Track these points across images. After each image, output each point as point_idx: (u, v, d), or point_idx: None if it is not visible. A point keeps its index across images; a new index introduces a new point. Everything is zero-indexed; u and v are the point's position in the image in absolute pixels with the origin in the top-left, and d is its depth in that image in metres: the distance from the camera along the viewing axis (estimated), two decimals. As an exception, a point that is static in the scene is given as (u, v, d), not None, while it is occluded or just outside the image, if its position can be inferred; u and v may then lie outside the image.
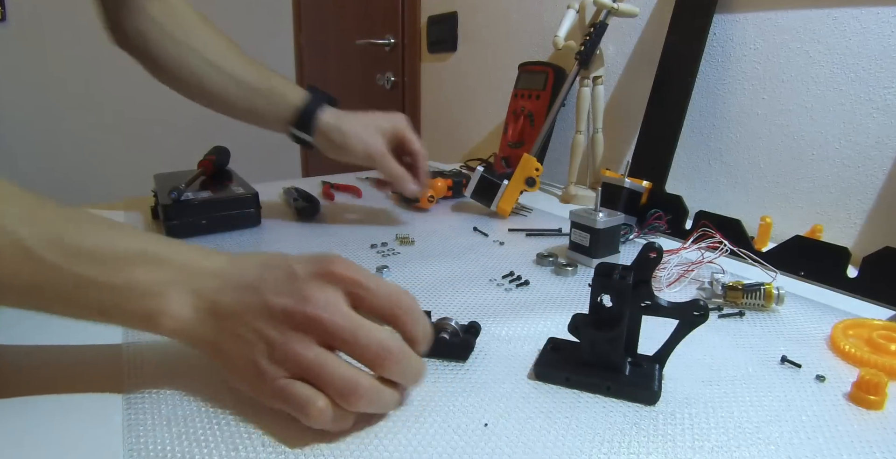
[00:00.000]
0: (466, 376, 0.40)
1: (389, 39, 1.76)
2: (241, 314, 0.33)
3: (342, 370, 0.32)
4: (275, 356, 0.32)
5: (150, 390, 0.38)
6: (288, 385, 0.32)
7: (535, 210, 0.88)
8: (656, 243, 0.37)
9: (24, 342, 0.44)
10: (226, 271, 0.35)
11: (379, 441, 0.33)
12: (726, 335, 0.47)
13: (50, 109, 1.98)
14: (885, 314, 0.52)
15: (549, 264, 0.63)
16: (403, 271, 0.61)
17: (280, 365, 0.32)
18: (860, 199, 0.70)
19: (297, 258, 0.35)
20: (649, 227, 0.72)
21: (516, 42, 1.24)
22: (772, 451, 0.32)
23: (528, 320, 0.49)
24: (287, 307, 0.32)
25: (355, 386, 0.31)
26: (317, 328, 0.32)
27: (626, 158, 0.96)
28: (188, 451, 0.32)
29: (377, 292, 0.34)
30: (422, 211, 0.86)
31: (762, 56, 0.78)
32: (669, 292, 0.55)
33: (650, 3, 0.91)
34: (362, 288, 0.33)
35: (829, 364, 0.42)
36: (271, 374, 0.32)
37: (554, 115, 0.89)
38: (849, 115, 0.69)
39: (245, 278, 0.34)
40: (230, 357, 0.34)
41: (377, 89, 1.85)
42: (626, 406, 0.36)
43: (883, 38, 0.66)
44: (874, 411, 0.37)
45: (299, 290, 0.33)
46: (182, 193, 0.71)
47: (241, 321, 0.33)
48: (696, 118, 0.86)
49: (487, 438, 0.33)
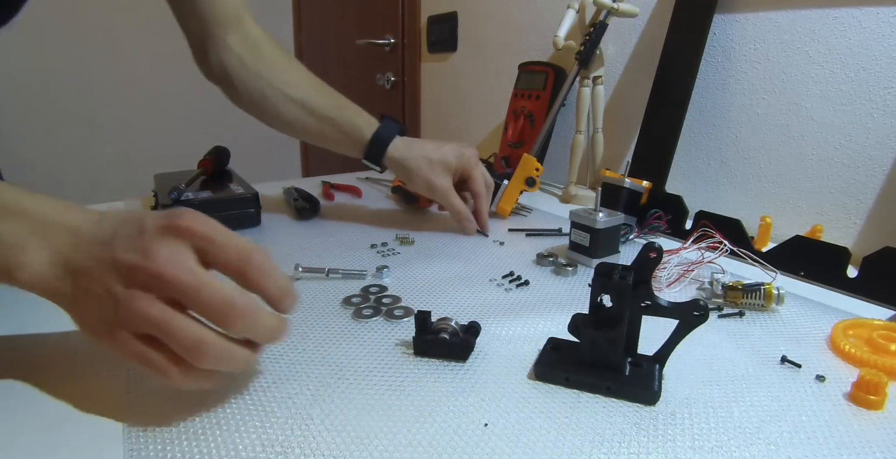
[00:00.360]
0: (466, 376, 0.40)
1: (389, 39, 1.76)
2: (92, 270, 0.33)
3: (186, 326, 0.31)
4: (120, 313, 0.31)
5: (150, 390, 0.38)
6: (142, 351, 0.32)
7: (535, 210, 0.88)
8: (656, 243, 0.37)
9: (20, 332, 0.44)
10: (82, 227, 0.34)
11: (379, 441, 0.33)
12: (726, 335, 0.47)
13: (50, 109, 1.98)
14: (885, 314, 0.52)
15: (549, 264, 0.63)
16: (403, 271, 0.61)
17: (127, 322, 0.32)
18: (860, 199, 0.70)
19: (151, 214, 0.34)
20: (649, 227, 0.72)
21: (516, 42, 1.24)
22: (772, 451, 0.32)
23: (528, 320, 0.49)
24: (131, 262, 0.31)
25: (200, 343, 0.31)
26: (160, 285, 0.31)
27: (626, 158, 0.96)
28: (188, 451, 0.32)
29: (226, 247, 0.33)
30: (422, 211, 0.86)
31: (762, 56, 0.78)
32: (669, 292, 0.55)
33: (650, 3, 0.91)
34: (210, 242, 0.33)
35: (829, 364, 0.42)
36: (120, 332, 0.32)
37: (554, 115, 0.89)
38: (849, 115, 0.69)
39: (99, 235, 0.34)
40: (83, 313, 0.34)
41: (377, 89, 1.85)
42: (626, 406, 0.36)
43: (883, 38, 0.66)
44: (874, 411, 0.37)
45: (145, 246, 0.32)
46: (182, 193, 0.71)
47: (92, 278, 0.32)
48: (696, 118, 0.87)
49: (487, 438, 0.33)
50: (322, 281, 0.57)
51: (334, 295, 0.54)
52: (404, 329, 0.47)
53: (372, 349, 0.44)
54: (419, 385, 0.39)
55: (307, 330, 0.47)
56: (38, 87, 1.95)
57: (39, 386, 0.38)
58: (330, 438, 0.33)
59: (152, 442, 0.33)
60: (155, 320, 0.31)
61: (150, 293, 0.31)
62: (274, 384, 0.39)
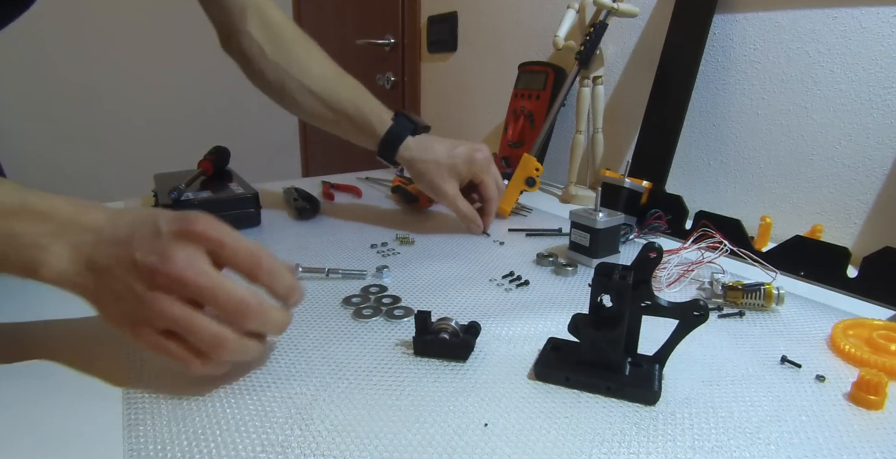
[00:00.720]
0: (466, 376, 0.40)
1: (389, 39, 1.76)
2: (114, 268, 0.35)
3: (206, 324, 0.34)
4: (144, 311, 0.34)
5: (150, 389, 0.38)
6: (164, 345, 0.35)
7: (535, 210, 0.88)
8: (656, 243, 0.37)
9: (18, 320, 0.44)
10: (102, 227, 0.36)
11: (379, 441, 0.33)
12: (726, 335, 0.47)
13: (50, 109, 1.98)
14: (885, 314, 0.52)
15: (549, 264, 0.63)
16: (403, 271, 0.61)
17: (150, 320, 0.34)
18: (860, 199, 0.70)
19: (164, 215, 0.36)
20: (649, 227, 0.72)
21: (516, 42, 1.24)
22: (772, 451, 0.32)
23: (528, 320, 0.49)
24: (151, 265, 0.34)
25: (219, 339, 0.35)
26: (180, 287, 0.34)
27: (626, 158, 0.96)
28: (188, 451, 0.32)
29: (237, 252, 0.36)
30: (422, 211, 0.86)
31: (762, 56, 0.78)
32: (669, 292, 0.55)
33: (650, 3, 0.91)
34: (223, 247, 0.35)
35: (829, 364, 0.42)
36: (144, 328, 0.35)
37: (554, 115, 0.89)
38: (849, 115, 0.69)
39: (118, 235, 0.36)
40: (107, 308, 0.36)
41: (377, 89, 1.85)
42: (626, 406, 0.36)
43: (883, 38, 0.66)
44: (874, 411, 0.37)
45: (163, 249, 0.34)
46: (182, 193, 0.71)
47: (113, 276, 0.35)
48: (696, 118, 0.86)
49: (487, 438, 0.33)
50: (322, 281, 0.57)
51: (334, 295, 0.54)
52: (404, 329, 0.47)
53: (372, 349, 0.44)
54: (419, 385, 0.39)
55: (307, 330, 0.47)
56: (39, 87, 1.95)
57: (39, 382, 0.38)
58: (330, 438, 0.33)
59: (152, 442, 0.33)
60: (178, 319, 0.34)
61: (171, 295, 0.34)
62: (274, 384, 0.39)
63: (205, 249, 0.35)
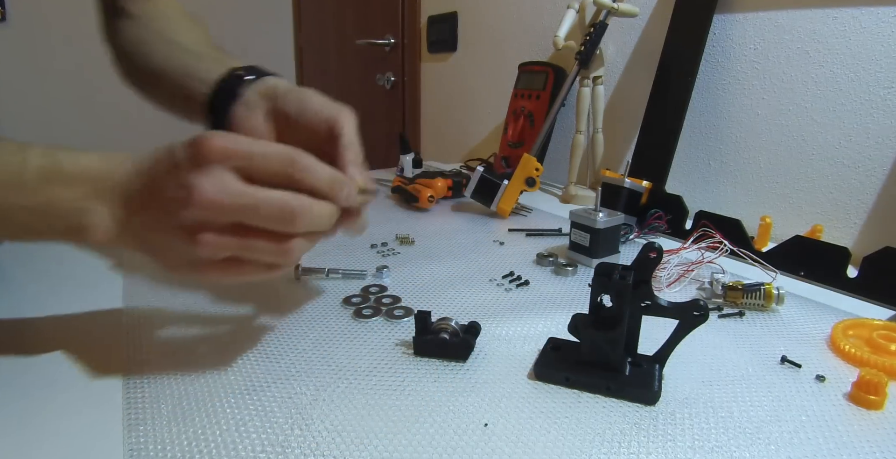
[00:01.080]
0: (466, 376, 0.40)
1: (389, 39, 1.76)
2: (153, 216, 0.34)
3: (268, 194, 0.33)
4: (197, 250, 0.33)
5: (150, 389, 0.38)
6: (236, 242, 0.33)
7: (535, 210, 0.88)
8: (656, 243, 0.37)
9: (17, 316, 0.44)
10: (128, 175, 0.35)
11: (379, 440, 0.33)
12: (726, 335, 0.47)
13: (50, 108, 1.98)
14: (885, 314, 0.52)
15: (549, 264, 0.63)
16: (403, 271, 0.61)
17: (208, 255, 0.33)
18: (860, 199, 0.70)
19: (178, 144, 0.34)
20: (649, 227, 0.72)
21: (516, 42, 1.24)
22: (772, 451, 0.32)
23: (528, 320, 0.49)
24: (180, 200, 0.32)
25: (288, 204, 0.33)
26: (219, 213, 0.32)
27: (626, 158, 0.96)
28: (188, 451, 0.32)
29: (264, 158, 0.33)
30: (422, 211, 0.86)
31: (762, 56, 0.78)
32: (669, 292, 0.55)
33: (650, 3, 0.91)
34: (249, 159, 0.33)
35: (829, 364, 0.42)
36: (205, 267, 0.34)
37: (554, 115, 0.89)
38: (849, 115, 0.69)
39: (145, 182, 0.35)
40: (160, 250, 0.35)
41: (377, 89, 1.85)
42: (626, 406, 0.36)
43: (883, 38, 0.66)
44: (874, 411, 0.37)
45: (186, 181, 0.32)
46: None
47: (154, 218, 0.34)
48: (696, 118, 0.86)
49: (487, 438, 0.33)
50: (322, 281, 0.57)
51: (334, 295, 0.54)
52: (404, 329, 0.47)
53: (372, 349, 0.44)
54: (419, 385, 0.39)
55: (307, 330, 0.47)
56: (38, 86, 1.95)
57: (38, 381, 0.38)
58: (330, 438, 0.33)
59: (152, 442, 0.33)
60: (237, 200, 0.32)
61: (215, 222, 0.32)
62: (274, 384, 0.39)
63: (229, 166, 0.33)
